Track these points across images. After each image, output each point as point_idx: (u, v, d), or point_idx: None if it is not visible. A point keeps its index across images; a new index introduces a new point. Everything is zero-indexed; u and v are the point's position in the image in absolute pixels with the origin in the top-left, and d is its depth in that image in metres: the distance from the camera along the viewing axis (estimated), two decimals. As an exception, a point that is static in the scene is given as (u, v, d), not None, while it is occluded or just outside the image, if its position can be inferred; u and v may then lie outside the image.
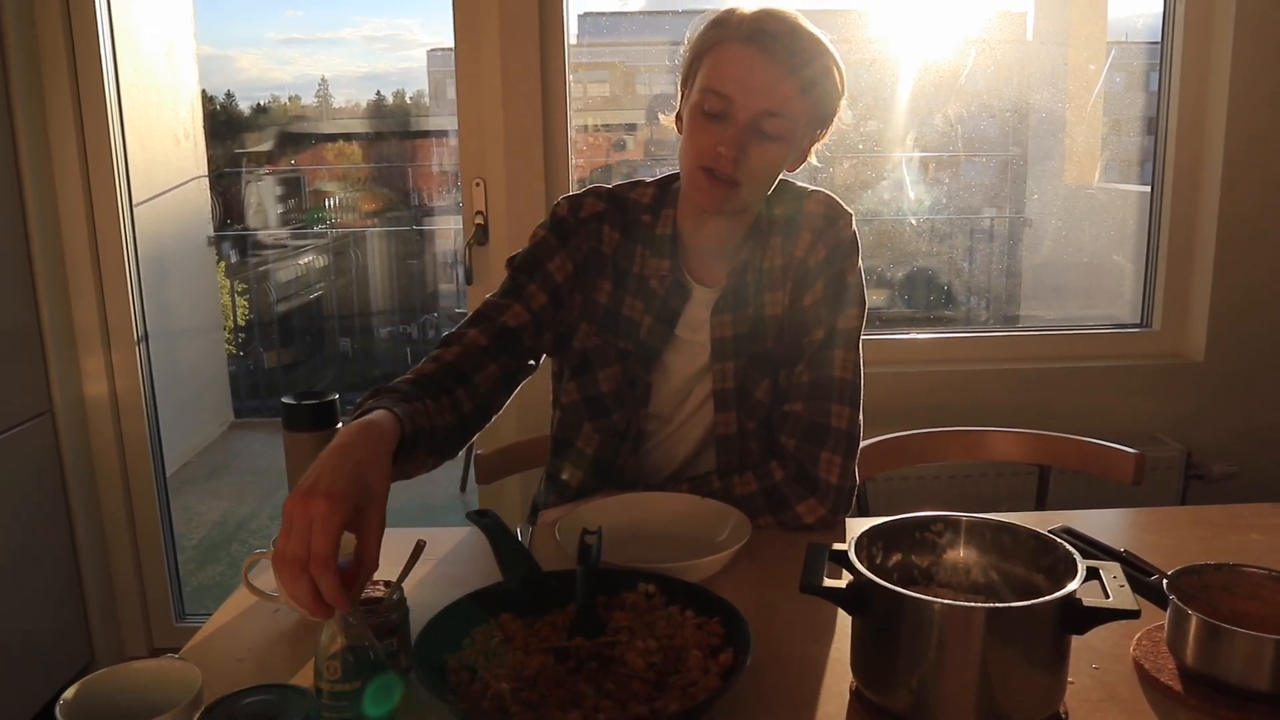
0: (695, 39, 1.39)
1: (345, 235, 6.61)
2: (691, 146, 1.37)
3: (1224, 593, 1.08)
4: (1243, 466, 2.57)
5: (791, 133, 1.36)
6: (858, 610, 0.96)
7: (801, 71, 1.32)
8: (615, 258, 1.50)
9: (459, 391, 1.31)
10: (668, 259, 1.48)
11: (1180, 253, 2.60)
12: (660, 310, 1.48)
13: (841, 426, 1.42)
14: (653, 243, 1.50)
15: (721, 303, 1.48)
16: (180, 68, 4.78)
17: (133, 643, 2.80)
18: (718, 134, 1.34)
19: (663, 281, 1.48)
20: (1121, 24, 3.07)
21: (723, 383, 1.48)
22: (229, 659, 1.13)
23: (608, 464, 1.53)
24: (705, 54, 1.36)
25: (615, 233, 1.50)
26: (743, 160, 1.34)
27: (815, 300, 1.46)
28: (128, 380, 2.66)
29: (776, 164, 1.40)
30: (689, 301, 1.49)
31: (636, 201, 1.52)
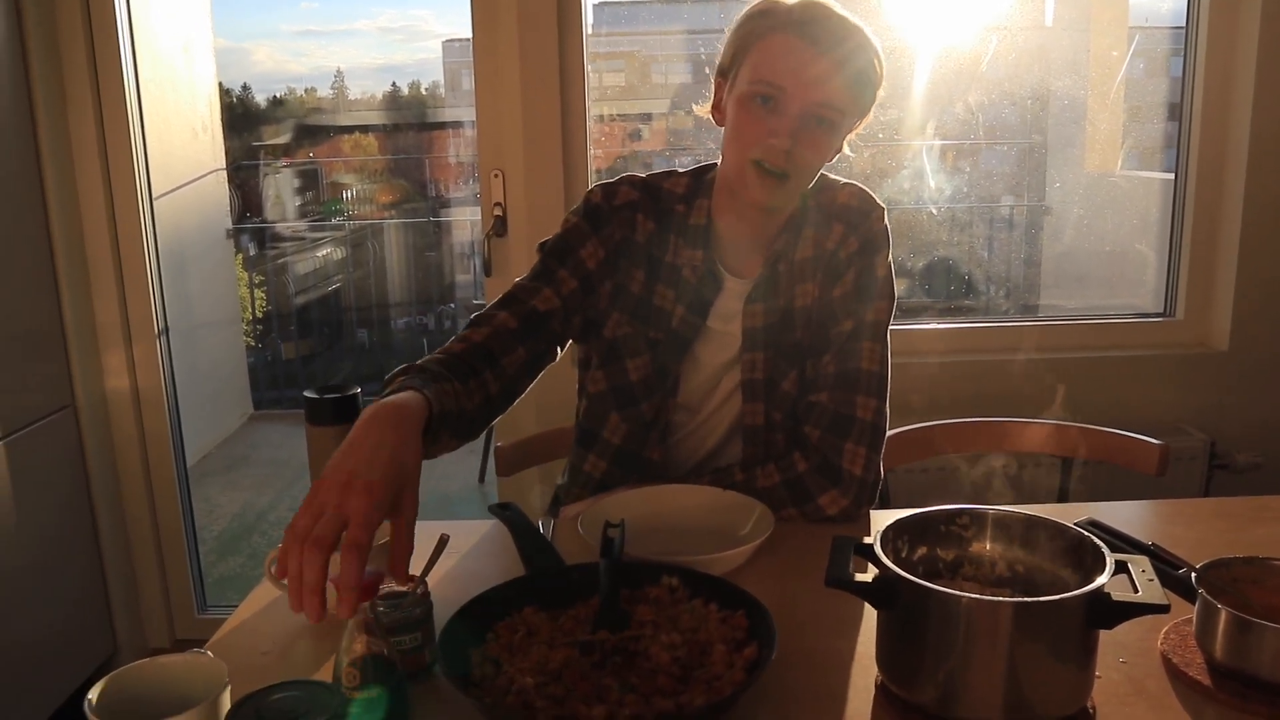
0: (739, 28, 1.38)
1: (363, 227, 6.63)
2: (740, 138, 1.36)
3: (1253, 586, 1.07)
4: (1267, 456, 2.55)
5: (838, 124, 1.36)
6: (884, 604, 0.95)
7: (850, 63, 1.32)
8: (649, 246, 1.50)
9: (486, 374, 1.32)
10: (701, 249, 1.47)
11: (1204, 241, 2.58)
12: (692, 300, 1.48)
13: (867, 418, 1.42)
14: (686, 232, 1.49)
15: (755, 292, 1.47)
16: (198, 62, 4.80)
17: (155, 635, 2.83)
18: (770, 125, 1.33)
19: (695, 271, 1.47)
20: (1143, 8, 3.03)
21: (751, 373, 1.48)
22: (253, 653, 1.14)
23: (634, 454, 1.52)
24: (752, 45, 1.35)
25: (649, 221, 1.50)
26: (794, 152, 1.34)
27: (845, 292, 1.45)
28: (149, 374, 2.68)
29: (823, 156, 1.40)
30: (721, 292, 1.48)
31: (670, 191, 1.51)
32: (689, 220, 1.49)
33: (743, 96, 1.35)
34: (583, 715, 0.89)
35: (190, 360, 4.46)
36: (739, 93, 1.36)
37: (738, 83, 1.37)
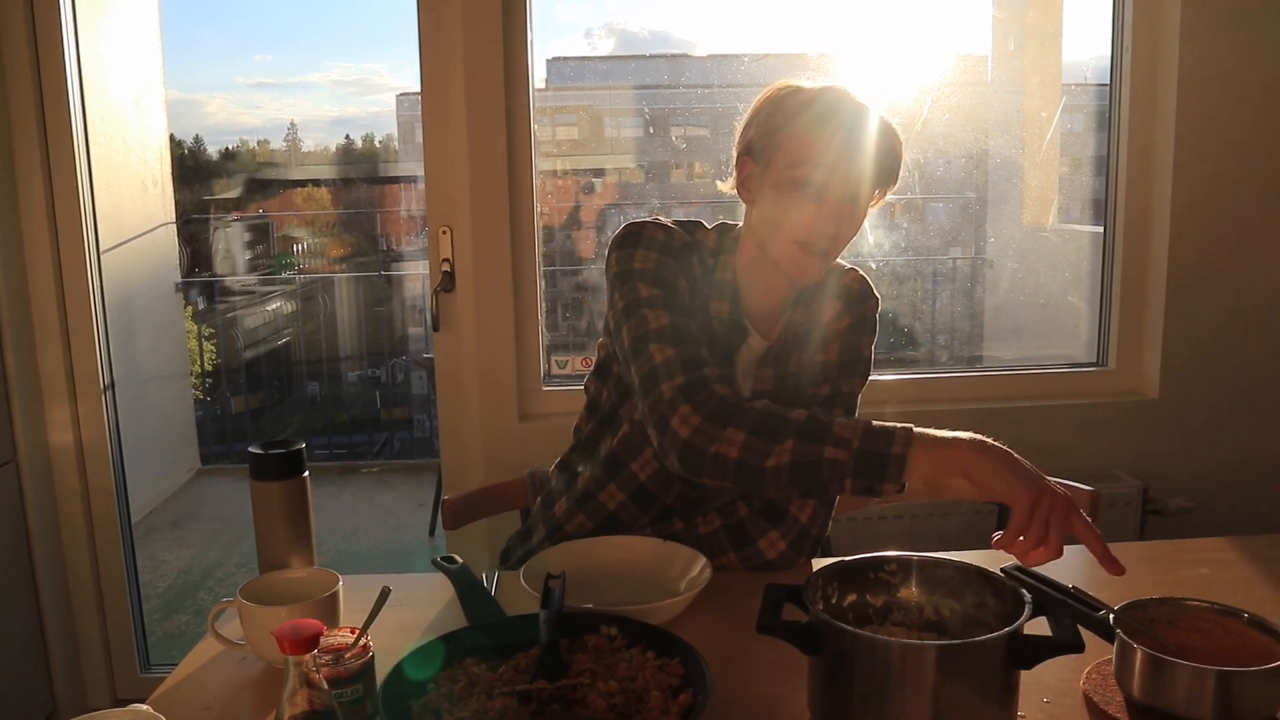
0: (769, 113, 1.43)
1: (313, 281, 6.62)
2: (785, 222, 1.41)
3: (1169, 626, 1.12)
4: (1198, 501, 2.62)
5: (867, 202, 1.43)
6: (813, 649, 0.98)
7: (877, 141, 1.39)
8: (695, 291, 1.51)
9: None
10: (728, 303, 1.51)
11: (1133, 292, 2.67)
12: (722, 349, 1.51)
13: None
14: (713, 285, 1.52)
15: (768, 357, 1.53)
16: (149, 114, 4.79)
17: (96, 693, 2.77)
18: (816, 210, 1.38)
19: (722, 323, 1.51)
20: (1078, 66, 3.15)
21: None
22: (196, 708, 1.14)
23: (654, 495, 1.50)
24: (784, 130, 1.40)
25: (697, 266, 1.52)
26: (837, 236, 1.41)
27: (828, 359, 1.52)
28: (94, 429, 2.65)
29: (856, 231, 1.46)
30: (744, 345, 1.52)
31: (702, 241, 1.55)
32: (716, 274, 1.53)
33: (784, 183, 1.40)
34: (520, 763, 0.91)
35: (137, 414, 4.41)
36: (779, 179, 1.40)
37: (774, 168, 1.41)
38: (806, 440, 1.24)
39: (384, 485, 5.61)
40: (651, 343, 1.38)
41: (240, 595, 1.20)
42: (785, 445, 1.24)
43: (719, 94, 4.13)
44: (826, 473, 1.24)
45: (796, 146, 1.39)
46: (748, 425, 1.27)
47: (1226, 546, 1.54)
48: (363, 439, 6.49)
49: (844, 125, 1.37)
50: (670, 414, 1.31)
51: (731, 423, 1.28)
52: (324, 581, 1.24)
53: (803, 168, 1.38)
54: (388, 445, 6.56)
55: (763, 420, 1.27)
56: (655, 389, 1.34)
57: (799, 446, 1.24)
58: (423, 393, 6.47)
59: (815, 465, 1.24)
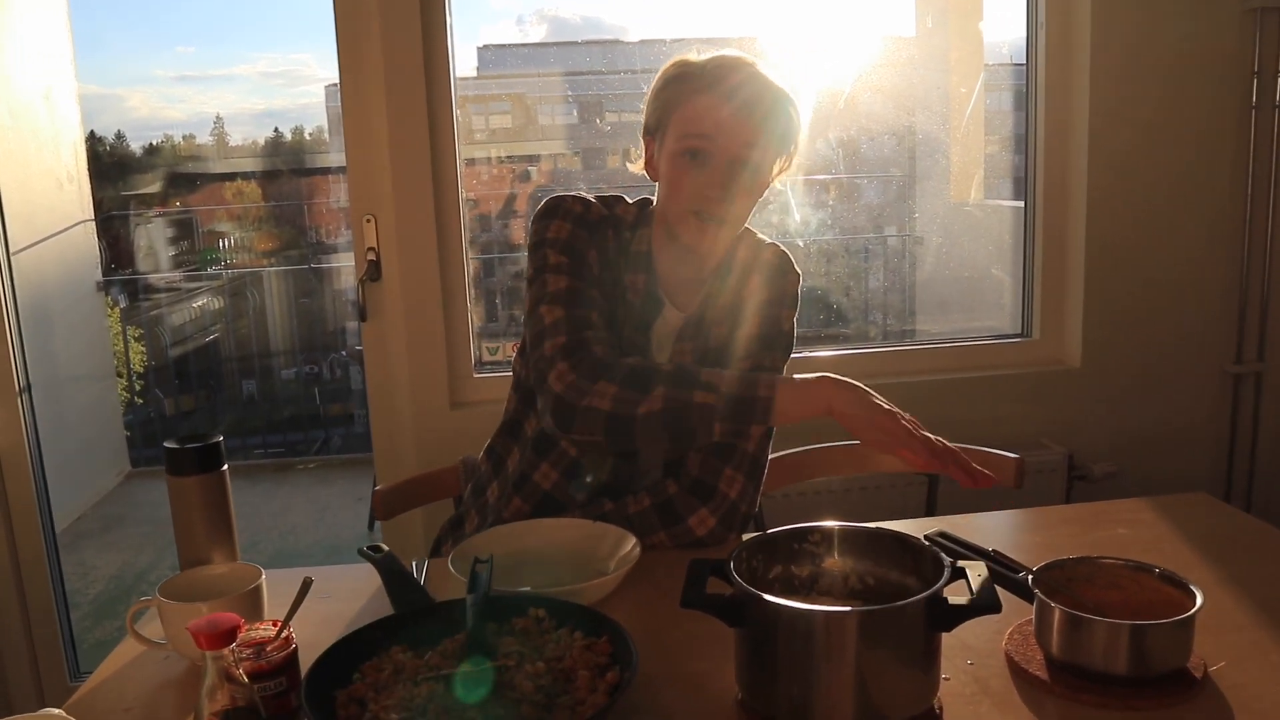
0: (661, 91, 1.46)
1: (241, 276, 6.49)
2: (678, 190, 1.45)
3: (1086, 584, 1.15)
4: (1122, 466, 2.69)
5: (762, 165, 1.44)
6: (736, 621, 0.99)
7: (764, 108, 1.41)
8: (602, 264, 1.53)
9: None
10: (644, 274, 1.53)
11: (1054, 265, 2.72)
12: (637, 322, 1.53)
13: (749, 448, 1.47)
14: (630, 258, 1.54)
15: (685, 330, 1.53)
16: (61, 109, 4.65)
17: (22, 704, 2.69)
18: (704, 177, 1.42)
19: (639, 294, 1.53)
20: (999, 46, 3.19)
21: None
22: (116, 709, 1.12)
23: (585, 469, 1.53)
24: (675, 106, 1.43)
25: (614, 239, 1.55)
26: (728, 199, 1.42)
27: (747, 334, 1.53)
28: (10, 434, 2.57)
29: (754, 198, 1.47)
30: (659, 317, 1.54)
31: (621, 216, 1.57)
32: (633, 246, 1.55)
33: (673, 153, 1.44)
34: (446, 748, 0.90)
35: (59, 417, 4.29)
36: (669, 150, 1.44)
37: (667, 141, 1.45)
38: (676, 387, 1.33)
39: (322, 481, 5.54)
40: (543, 305, 1.44)
41: (159, 593, 1.18)
42: (655, 393, 1.32)
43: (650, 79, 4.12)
44: (695, 417, 1.31)
45: (684, 118, 1.42)
46: (619, 378, 1.35)
47: (1143, 507, 1.58)
48: (298, 437, 6.39)
49: (729, 92, 1.40)
50: (548, 370, 1.38)
51: (603, 377, 1.35)
52: (246, 576, 1.22)
53: (689, 138, 1.42)
54: (327, 442, 6.47)
55: (634, 373, 1.36)
56: (539, 348, 1.41)
57: (669, 393, 1.32)
58: (362, 388, 6.38)
59: (685, 409, 1.32)
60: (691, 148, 1.41)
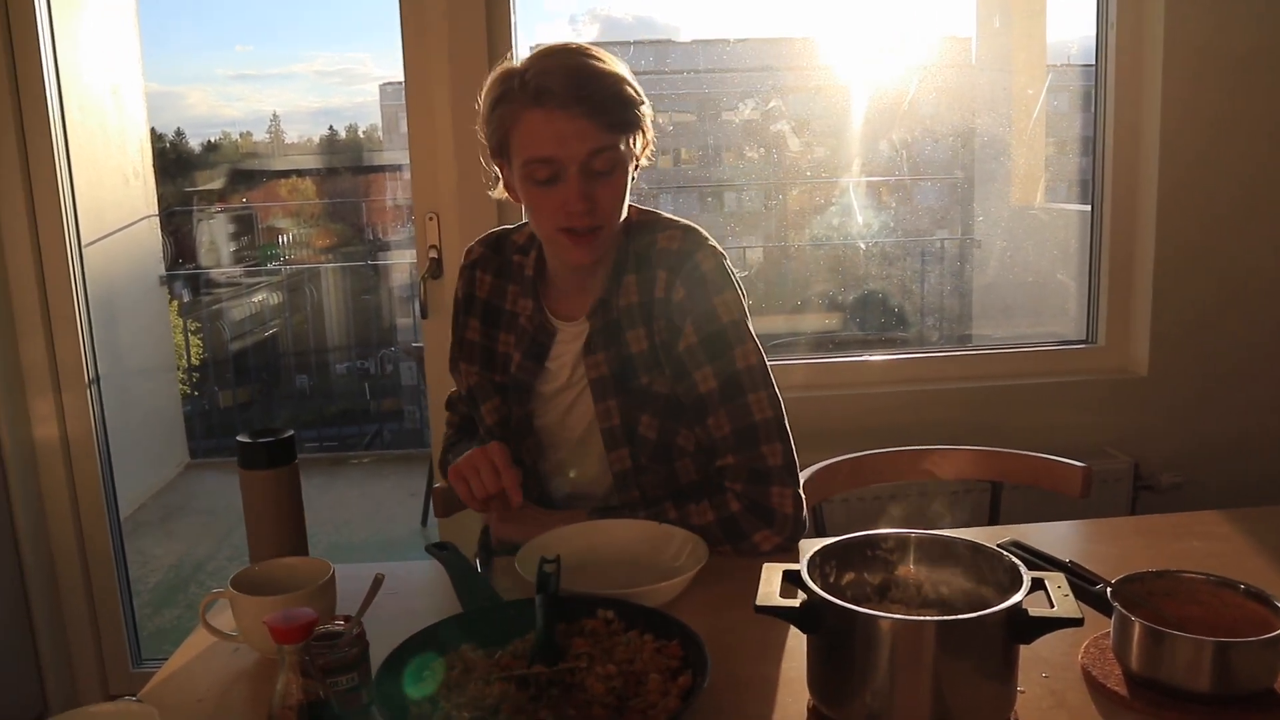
0: (491, 117, 1.40)
1: (299, 271, 6.58)
2: (541, 215, 1.41)
3: (1166, 599, 1.12)
4: (1189, 476, 2.63)
5: (618, 159, 1.39)
6: (812, 629, 0.98)
7: (598, 101, 1.34)
8: (489, 298, 1.58)
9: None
10: (531, 299, 1.54)
11: (1121, 270, 2.67)
12: (529, 347, 1.53)
13: (779, 463, 1.44)
14: (522, 282, 1.56)
15: (590, 344, 1.50)
16: (128, 106, 4.75)
17: (87, 690, 2.75)
18: (560, 194, 1.37)
19: (530, 320, 1.54)
20: (1061, 47, 3.15)
21: (609, 421, 1.49)
22: (189, 699, 1.13)
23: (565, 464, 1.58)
24: (509, 129, 1.38)
25: (487, 275, 1.59)
26: (594, 207, 1.38)
27: (690, 344, 1.45)
28: (79, 422, 2.63)
29: (621, 193, 1.43)
30: (554, 339, 1.53)
31: (514, 242, 1.59)
32: (524, 271, 1.56)
33: (524, 178, 1.39)
34: (519, 748, 0.90)
35: (123, 409, 4.37)
36: (519, 176, 1.40)
37: (514, 166, 1.41)
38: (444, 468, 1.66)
39: (375, 476, 5.59)
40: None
41: (231, 586, 1.19)
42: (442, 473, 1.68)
43: (704, 79, 4.10)
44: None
45: (521, 142, 1.37)
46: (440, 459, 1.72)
47: (1218, 520, 1.54)
48: (353, 431, 6.47)
49: (553, 105, 1.32)
50: None
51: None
52: (317, 570, 1.23)
53: (532, 164, 1.37)
54: (378, 436, 6.53)
55: (442, 453, 1.73)
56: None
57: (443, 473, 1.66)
58: (412, 383, 6.44)
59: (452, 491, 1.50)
60: (536, 173, 1.36)
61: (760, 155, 2.77)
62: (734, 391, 1.44)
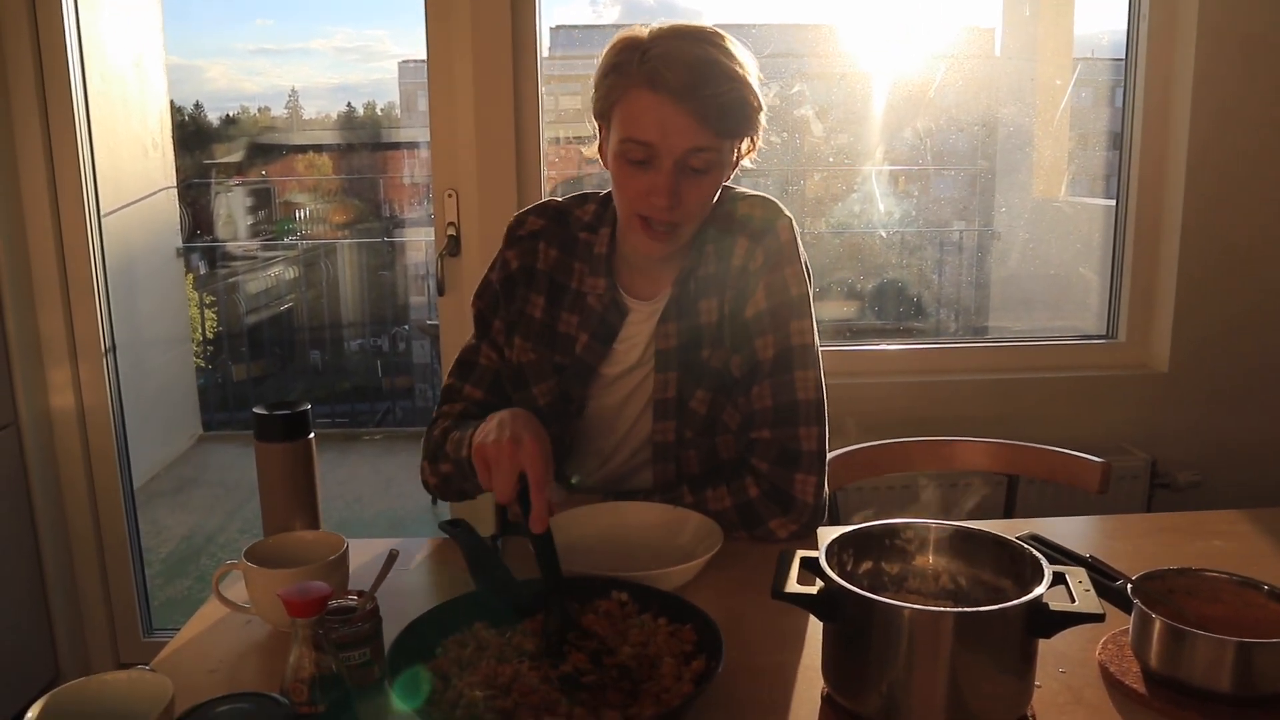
0: (603, 78, 1.36)
1: (316, 247, 6.58)
2: (624, 195, 1.38)
3: (1187, 597, 1.10)
4: (1207, 475, 2.61)
5: (717, 161, 1.35)
6: (829, 616, 0.97)
7: (712, 101, 1.29)
8: (552, 273, 1.51)
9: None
10: (604, 277, 1.48)
11: (1144, 265, 2.64)
12: (597, 328, 1.49)
13: (812, 448, 1.43)
14: (590, 260, 1.50)
15: (667, 313, 1.47)
16: (149, 78, 4.74)
17: (99, 658, 2.77)
18: (649, 181, 1.33)
19: (600, 300, 1.48)
20: (1088, 40, 3.11)
21: (664, 392, 1.47)
22: (200, 670, 1.13)
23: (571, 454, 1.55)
24: (616, 99, 1.34)
25: (552, 249, 1.51)
26: (677, 204, 1.34)
27: (758, 310, 1.44)
28: (95, 392, 2.64)
29: (710, 194, 1.39)
30: (626, 319, 1.49)
31: (579, 218, 1.52)
32: (594, 249, 1.50)
33: (617, 154, 1.35)
34: (531, 728, 0.89)
35: (138, 379, 4.39)
36: (613, 150, 1.36)
37: (611, 138, 1.37)
38: (436, 461, 1.49)
39: (387, 453, 5.61)
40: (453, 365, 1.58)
41: (245, 558, 1.19)
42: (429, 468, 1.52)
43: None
44: (456, 483, 1.46)
45: (625, 116, 1.33)
46: (427, 454, 1.52)
47: (1240, 519, 1.52)
48: (365, 407, 6.48)
49: (667, 92, 1.28)
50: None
51: (424, 454, 1.53)
52: (330, 544, 1.23)
53: (629, 143, 1.32)
54: (390, 414, 6.55)
55: (431, 448, 1.51)
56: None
57: (433, 468, 1.50)
58: (424, 361, 6.45)
59: (448, 479, 1.47)
60: (632, 151, 1.32)
61: (782, 140, 2.75)
62: (784, 365, 1.43)
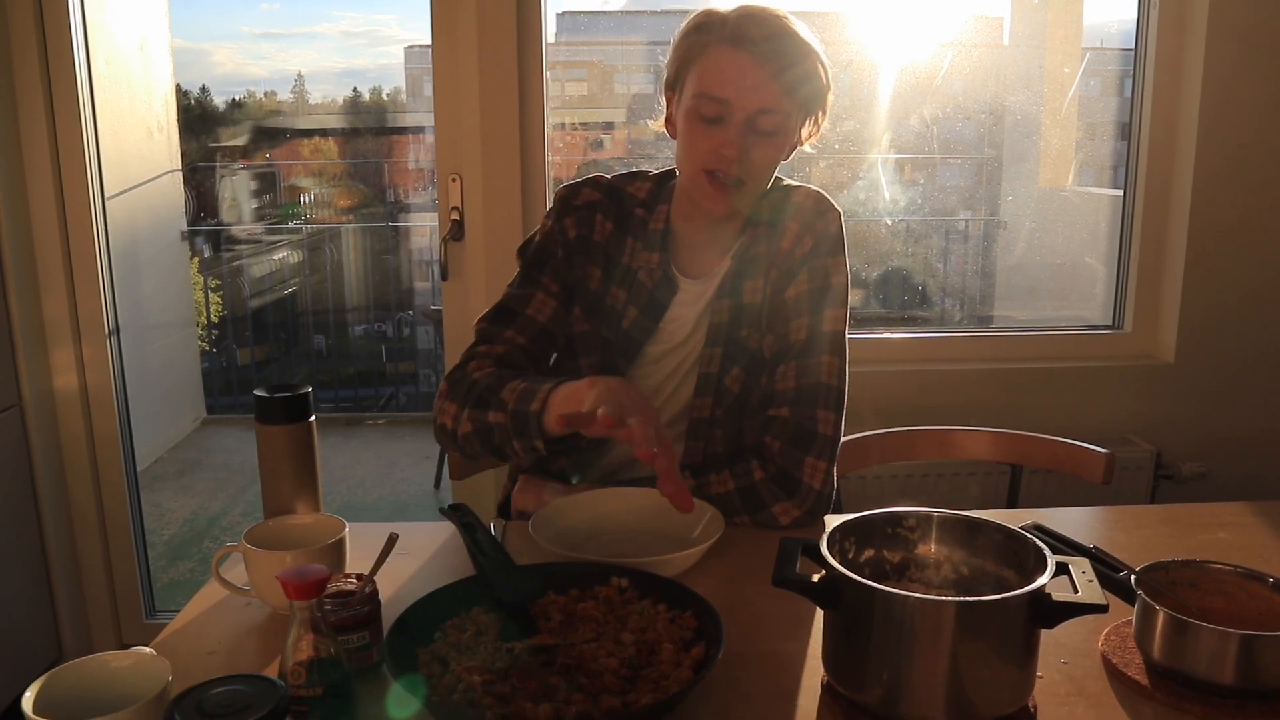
0: (680, 45, 1.41)
1: (320, 231, 6.57)
2: (692, 151, 1.41)
3: (1190, 589, 1.10)
4: (1211, 467, 2.60)
5: (784, 127, 1.40)
6: (830, 604, 0.96)
7: (789, 69, 1.35)
8: (606, 246, 1.53)
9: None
10: (657, 253, 1.50)
11: (1151, 256, 2.63)
12: (646, 304, 1.50)
13: (828, 433, 1.44)
14: (644, 236, 1.52)
15: (723, 288, 1.49)
16: (154, 61, 4.73)
17: (102, 639, 2.78)
18: (719, 137, 1.37)
19: (651, 275, 1.50)
20: (1097, 30, 3.09)
21: (708, 367, 1.49)
22: (199, 652, 1.13)
23: (576, 448, 1.54)
24: (693, 60, 1.39)
25: (609, 222, 1.53)
26: (744, 160, 1.38)
27: (798, 292, 1.46)
28: (98, 374, 2.64)
29: (774, 159, 1.43)
30: (676, 296, 1.50)
31: (632, 195, 1.55)
32: (648, 225, 1.52)
33: (689, 111, 1.39)
34: (529, 713, 0.89)
35: (142, 362, 4.40)
36: (686, 107, 1.40)
37: (684, 97, 1.41)
38: (480, 408, 1.35)
39: (390, 437, 5.61)
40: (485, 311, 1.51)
41: (245, 540, 1.19)
42: (465, 414, 1.37)
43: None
44: (498, 436, 1.34)
45: (702, 73, 1.37)
46: (459, 397, 1.39)
47: (1245, 511, 1.52)
48: (368, 392, 6.49)
49: (746, 50, 1.33)
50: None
51: (452, 396, 1.41)
52: (330, 527, 1.23)
53: (704, 98, 1.37)
54: (393, 399, 6.55)
55: (472, 391, 1.38)
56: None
57: (473, 414, 1.36)
58: (428, 347, 6.45)
59: (488, 430, 1.35)
60: (705, 105, 1.36)
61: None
62: (813, 349, 1.45)
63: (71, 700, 0.88)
